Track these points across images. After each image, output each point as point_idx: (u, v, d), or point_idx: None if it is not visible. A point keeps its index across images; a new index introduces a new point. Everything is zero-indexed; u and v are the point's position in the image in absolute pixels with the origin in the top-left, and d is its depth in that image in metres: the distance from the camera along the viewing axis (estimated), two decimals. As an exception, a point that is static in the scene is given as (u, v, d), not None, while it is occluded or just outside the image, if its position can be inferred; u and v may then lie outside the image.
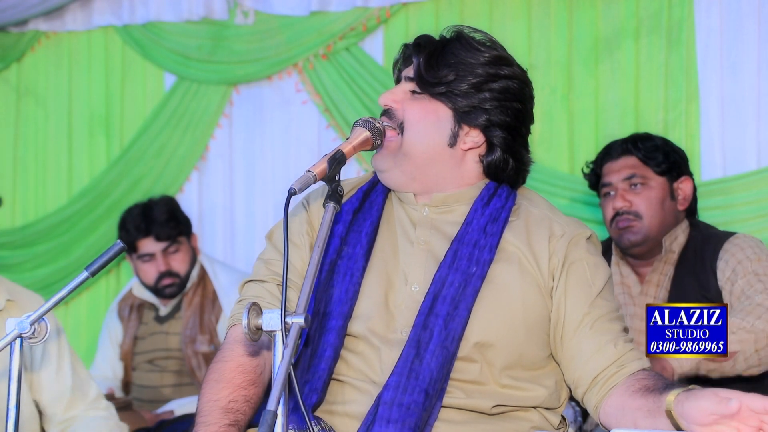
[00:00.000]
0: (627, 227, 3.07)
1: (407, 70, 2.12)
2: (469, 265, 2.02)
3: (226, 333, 2.11)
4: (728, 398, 1.68)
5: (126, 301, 4.17)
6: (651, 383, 1.91)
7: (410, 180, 2.10)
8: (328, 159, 1.92)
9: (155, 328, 4.09)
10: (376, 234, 2.10)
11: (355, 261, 2.06)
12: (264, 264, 2.15)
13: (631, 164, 3.11)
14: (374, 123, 2.06)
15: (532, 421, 2.05)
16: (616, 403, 1.95)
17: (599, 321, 2.02)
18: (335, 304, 2.03)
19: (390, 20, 4.32)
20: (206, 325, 4.00)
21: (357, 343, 2.04)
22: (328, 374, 2.00)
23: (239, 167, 4.69)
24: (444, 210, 2.11)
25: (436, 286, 2.01)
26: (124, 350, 4.12)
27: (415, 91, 2.10)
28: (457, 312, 1.99)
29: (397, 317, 2.03)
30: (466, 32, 2.11)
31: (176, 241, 4.00)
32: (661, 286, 3.04)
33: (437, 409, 1.97)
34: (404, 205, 2.13)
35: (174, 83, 4.74)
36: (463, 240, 2.05)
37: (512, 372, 2.03)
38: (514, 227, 2.08)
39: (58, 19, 4.89)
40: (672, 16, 3.88)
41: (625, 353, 1.99)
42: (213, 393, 1.98)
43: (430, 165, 2.09)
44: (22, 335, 1.98)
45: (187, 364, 3.99)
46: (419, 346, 1.97)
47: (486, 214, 2.07)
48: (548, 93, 4.06)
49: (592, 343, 2.00)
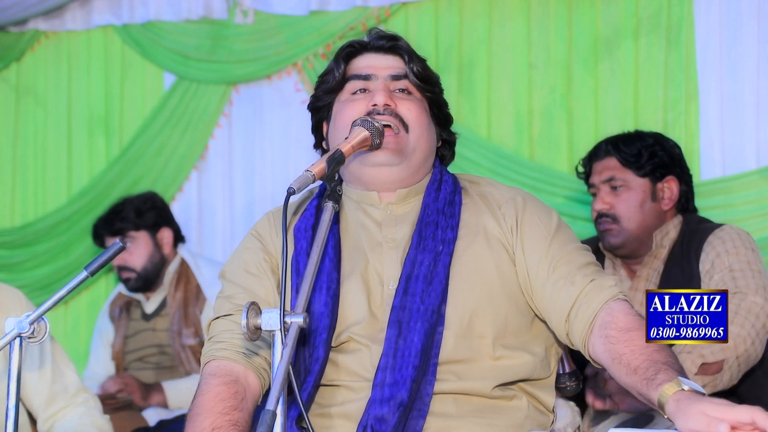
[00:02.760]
0: (607, 230, 3.08)
1: (384, 68, 2.15)
2: (435, 245, 2.07)
3: (201, 369, 2.10)
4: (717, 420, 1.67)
5: (116, 303, 4.20)
6: (629, 355, 1.90)
7: (410, 175, 2.14)
8: (327, 158, 1.93)
9: (142, 326, 4.11)
10: (340, 244, 2.12)
11: (327, 274, 2.07)
12: (226, 300, 2.15)
13: (612, 166, 3.11)
14: (373, 122, 2.07)
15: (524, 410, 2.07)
16: (602, 359, 1.96)
17: (558, 265, 2.07)
18: (318, 319, 2.04)
19: (389, 20, 4.32)
20: (191, 318, 4.02)
21: (347, 347, 2.06)
22: (313, 386, 2.02)
23: (239, 167, 4.69)
24: (404, 204, 2.15)
25: (407, 268, 2.05)
26: (116, 350, 4.14)
27: (401, 89, 2.14)
28: (432, 288, 2.03)
29: (380, 318, 2.05)
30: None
31: (126, 235, 4.05)
32: (650, 281, 3.04)
33: (430, 384, 1.99)
34: (364, 206, 2.16)
35: (173, 83, 4.74)
36: (425, 222, 2.10)
37: (503, 341, 2.05)
38: (470, 206, 2.15)
39: (58, 19, 4.90)
40: (671, 15, 3.88)
41: (584, 287, 2.03)
42: (196, 425, 1.96)
43: (426, 162, 2.17)
44: (21, 335, 1.98)
45: (177, 359, 4.02)
46: (400, 326, 2.00)
47: (440, 198, 2.14)
48: (547, 93, 4.06)
49: (555, 288, 2.05)
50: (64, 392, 2.69)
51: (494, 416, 2.04)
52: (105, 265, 2.03)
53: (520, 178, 4.01)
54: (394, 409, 1.94)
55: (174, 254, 4.13)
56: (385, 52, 2.18)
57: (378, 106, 2.10)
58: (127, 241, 4.04)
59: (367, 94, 2.14)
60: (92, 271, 2.02)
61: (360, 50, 2.19)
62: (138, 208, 4.09)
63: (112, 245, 2.05)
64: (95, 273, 2.03)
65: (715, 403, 1.71)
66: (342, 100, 2.17)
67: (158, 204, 4.19)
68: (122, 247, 2.06)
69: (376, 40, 2.19)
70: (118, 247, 2.04)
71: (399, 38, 2.19)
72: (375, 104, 2.10)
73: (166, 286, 4.09)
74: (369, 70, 2.16)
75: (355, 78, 2.16)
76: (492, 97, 4.16)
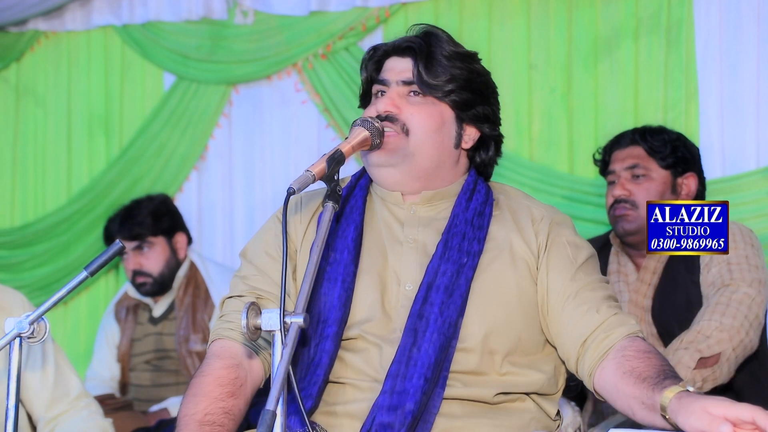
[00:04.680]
0: (623, 215, 3.08)
1: (398, 73, 2.13)
2: (460, 256, 2.05)
3: (208, 345, 2.12)
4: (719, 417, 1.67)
5: (122, 303, 4.17)
6: (642, 368, 1.91)
7: (412, 179, 2.12)
8: (327, 159, 1.92)
9: (150, 329, 4.08)
10: (361, 238, 2.12)
11: (344, 266, 2.07)
12: (241, 280, 2.16)
13: (636, 154, 3.13)
14: (373, 123, 2.07)
15: (530, 411, 2.07)
16: (609, 379, 1.96)
17: (582, 291, 2.06)
18: (329, 310, 2.04)
19: (389, 20, 4.32)
20: (199, 324, 4.00)
21: (355, 344, 2.05)
22: (323, 380, 2.01)
23: (238, 167, 4.69)
24: (429, 207, 2.14)
25: (429, 276, 2.04)
26: (122, 352, 4.11)
27: (415, 93, 2.12)
28: (452, 300, 2.02)
29: (393, 318, 2.05)
30: (434, 31, 2.17)
31: (146, 240, 4.00)
32: (655, 273, 3.05)
33: (439, 397, 1.98)
34: (388, 204, 2.15)
35: (173, 83, 4.73)
36: (452, 232, 2.08)
37: (512, 358, 2.05)
38: (499, 219, 2.13)
39: (58, 19, 4.89)
40: (671, 15, 3.88)
41: (608, 318, 2.02)
42: (190, 407, 1.99)
43: (438, 166, 2.13)
44: (21, 335, 1.98)
45: (182, 364, 3.99)
46: (416, 334, 1.99)
47: (471, 208, 2.12)
48: (547, 93, 4.06)
49: (576, 313, 2.04)
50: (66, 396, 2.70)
51: (500, 417, 2.04)
52: (105, 265, 2.03)
53: (519, 178, 4.01)
54: (401, 419, 1.93)
55: (184, 258, 4.12)
56: (402, 54, 2.16)
57: (380, 112, 2.10)
58: (145, 246, 4.00)
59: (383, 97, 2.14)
60: (92, 272, 2.02)
61: (385, 54, 2.18)
62: (155, 213, 4.03)
63: (111, 245, 2.05)
64: (95, 273, 2.03)
65: (717, 400, 1.71)
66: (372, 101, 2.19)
67: (172, 208, 4.16)
68: (122, 247, 2.06)
69: (397, 41, 2.17)
70: (118, 248, 2.04)
71: (414, 39, 2.15)
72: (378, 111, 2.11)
73: (174, 290, 4.07)
74: (385, 74, 2.16)
75: (377, 83, 2.17)
76: (492, 97, 4.15)
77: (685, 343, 2.75)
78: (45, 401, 2.67)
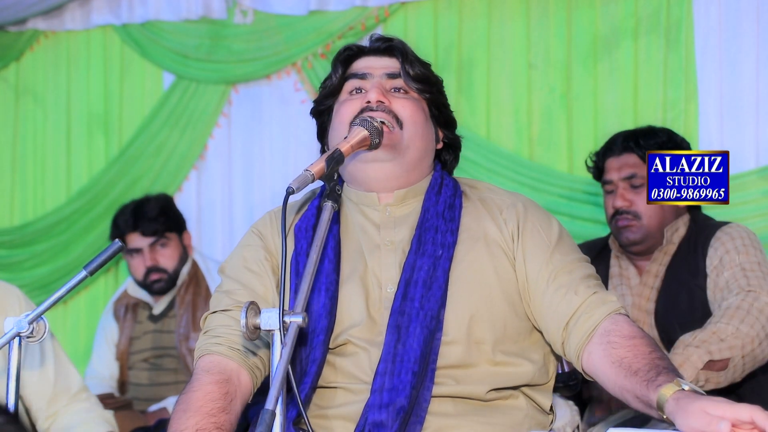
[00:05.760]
0: (626, 226, 3.08)
1: (380, 68, 2.17)
2: (435, 249, 2.07)
3: (195, 362, 2.09)
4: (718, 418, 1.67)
5: (121, 302, 4.17)
6: (631, 358, 1.91)
7: (403, 173, 2.14)
8: (327, 158, 1.92)
9: (149, 327, 4.09)
10: (340, 246, 2.12)
11: (327, 275, 2.07)
12: (225, 295, 2.14)
13: (632, 163, 3.11)
14: (372, 122, 2.07)
15: (523, 409, 2.07)
16: (599, 366, 1.97)
17: (559, 274, 2.07)
18: (316, 320, 2.04)
19: (389, 19, 4.32)
20: (199, 322, 4.00)
21: (345, 349, 2.06)
22: (311, 387, 2.02)
23: (238, 166, 4.69)
24: (402, 206, 2.16)
25: (406, 273, 2.05)
26: (121, 350, 4.12)
27: (397, 89, 2.16)
28: (431, 293, 2.03)
29: (378, 321, 2.05)
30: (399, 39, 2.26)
31: (163, 236, 4.01)
32: (657, 276, 3.05)
33: (428, 391, 1.99)
34: (362, 208, 2.16)
35: (173, 82, 4.74)
36: (425, 227, 2.10)
37: (503, 346, 2.05)
38: (471, 210, 2.16)
39: (57, 18, 4.90)
40: (671, 15, 3.88)
41: (587, 297, 2.03)
42: (180, 423, 1.95)
43: (422, 159, 2.17)
44: (20, 334, 1.98)
45: (182, 362, 4.00)
46: (399, 331, 2.00)
47: (441, 201, 2.14)
48: (547, 92, 4.06)
49: (556, 296, 2.05)
50: (66, 391, 2.70)
51: (493, 415, 2.04)
52: (104, 264, 2.03)
53: (519, 178, 4.01)
54: (393, 415, 1.93)
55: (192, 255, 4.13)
56: (381, 54, 2.21)
57: (371, 103, 2.11)
58: (163, 242, 4.00)
59: (363, 93, 2.16)
60: (91, 271, 2.02)
61: (357, 53, 2.22)
62: (165, 210, 4.05)
63: (111, 245, 2.05)
64: (94, 272, 2.03)
65: (716, 401, 1.71)
66: (341, 100, 2.20)
67: (176, 206, 4.18)
68: (122, 246, 2.06)
69: (372, 42, 2.22)
70: (117, 247, 2.04)
71: (395, 40, 2.21)
72: (368, 101, 2.12)
73: (177, 287, 4.07)
74: (365, 69, 2.19)
75: (352, 77, 2.19)
76: (491, 97, 4.16)
77: (698, 341, 2.72)
78: (46, 397, 2.67)
